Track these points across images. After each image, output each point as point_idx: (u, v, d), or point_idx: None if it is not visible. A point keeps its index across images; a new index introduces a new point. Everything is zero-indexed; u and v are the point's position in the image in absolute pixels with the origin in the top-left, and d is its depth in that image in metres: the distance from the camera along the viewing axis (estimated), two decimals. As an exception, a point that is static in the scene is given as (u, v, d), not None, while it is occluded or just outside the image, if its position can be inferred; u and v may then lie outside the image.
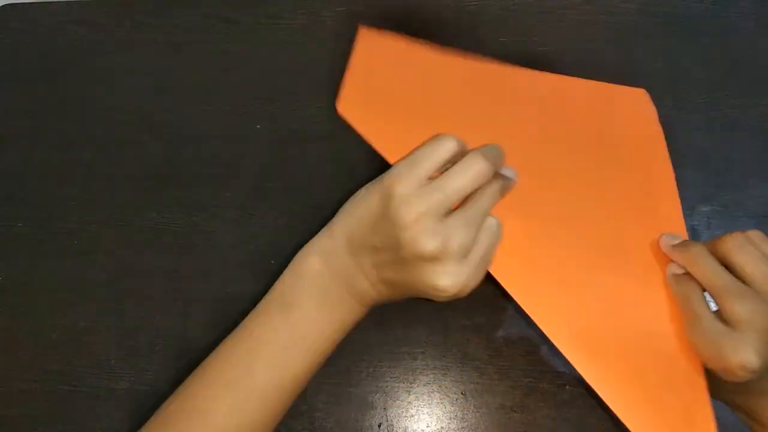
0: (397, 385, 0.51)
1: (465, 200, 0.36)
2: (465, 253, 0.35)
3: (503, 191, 0.38)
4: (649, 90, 0.60)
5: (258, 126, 0.60)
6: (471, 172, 0.35)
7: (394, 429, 0.50)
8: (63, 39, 0.65)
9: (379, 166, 0.58)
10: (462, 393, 0.51)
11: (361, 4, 0.65)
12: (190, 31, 0.65)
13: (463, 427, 0.50)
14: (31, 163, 0.60)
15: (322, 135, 0.60)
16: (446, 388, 0.51)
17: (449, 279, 0.34)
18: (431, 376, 0.51)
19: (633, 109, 0.53)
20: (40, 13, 0.66)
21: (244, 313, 0.53)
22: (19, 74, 0.64)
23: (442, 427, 0.50)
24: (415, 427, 0.50)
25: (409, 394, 0.51)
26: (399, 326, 0.52)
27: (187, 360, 0.52)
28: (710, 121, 0.58)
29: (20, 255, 0.56)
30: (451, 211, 0.36)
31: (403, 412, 0.50)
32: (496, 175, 0.38)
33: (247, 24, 0.65)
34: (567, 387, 0.50)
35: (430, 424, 0.50)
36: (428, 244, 0.34)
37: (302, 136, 0.60)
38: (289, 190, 0.58)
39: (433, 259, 0.34)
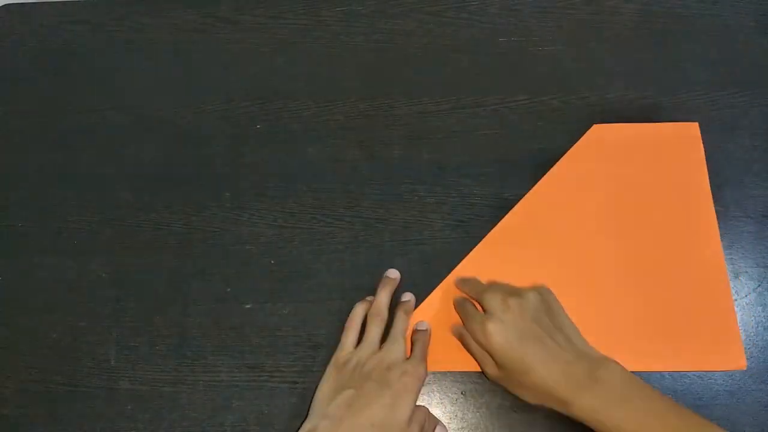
0: (397, 385, 0.51)
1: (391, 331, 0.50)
2: (404, 353, 0.48)
3: (408, 312, 0.51)
4: (649, 90, 0.60)
5: (258, 126, 0.60)
6: (377, 321, 0.50)
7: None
8: (63, 39, 0.65)
9: (377, 166, 0.58)
10: (462, 393, 0.51)
11: (361, 4, 0.65)
12: (190, 31, 0.65)
13: (463, 427, 0.50)
14: (30, 163, 0.60)
15: (321, 135, 0.60)
16: (446, 388, 0.51)
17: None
18: (431, 376, 0.51)
19: (681, 146, 0.57)
20: (40, 13, 0.66)
21: (244, 313, 0.53)
22: (19, 74, 0.64)
23: (442, 427, 0.50)
24: (415, 427, 0.50)
25: (409, 394, 0.51)
26: (399, 326, 0.52)
27: (187, 360, 0.52)
28: (710, 121, 0.58)
29: (20, 255, 0.56)
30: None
31: (403, 412, 0.50)
32: (399, 305, 0.51)
33: (247, 24, 0.65)
34: (567, 387, 0.50)
35: (430, 424, 0.50)
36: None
37: (301, 136, 0.60)
38: (289, 190, 0.58)
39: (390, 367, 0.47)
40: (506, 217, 0.55)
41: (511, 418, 0.50)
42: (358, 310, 0.51)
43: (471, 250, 0.54)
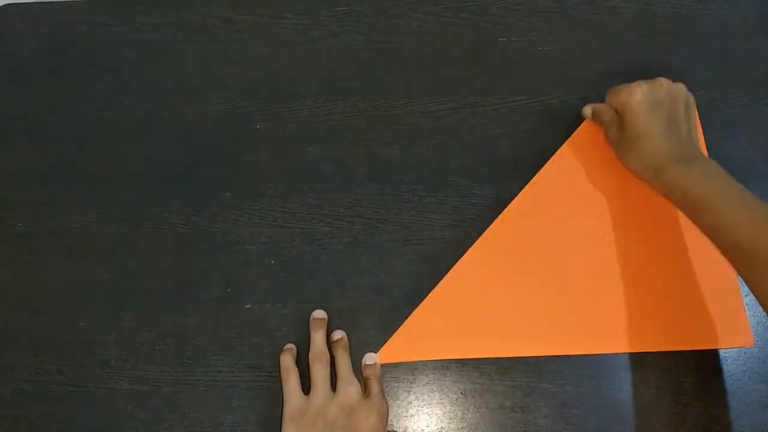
0: (397, 385, 0.51)
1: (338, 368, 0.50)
2: (361, 392, 0.48)
3: (346, 348, 0.51)
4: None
5: (258, 126, 0.60)
6: (322, 363, 0.49)
7: (394, 429, 0.50)
8: (63, 39, 0.65)
9: (377, 166, 0.58)
10: (462, 393, 0.51)
11: (361, 4, 0.65)
12: (190, 31, 0.65)
13: (463, 427, 0.50)
14: (30, 162, 0.60)
15: (322, 135, 0.60)
16: (446, 388, 0.51)
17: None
18: (431, 376, 0.51)
19: None
20: (40, 13, 0.66)
21: (244, 313, 0.53)
22: (19, 74, 0.64)
23: (442, 427, 0.50)
24: (415, 427, 0.50)
25: (409, 394, 0.51)
26: (398, 326, 0.52)
27: (187, 360, 0.52)
28: (710, 121, 0.58)
29: (20, 255, 0.56)
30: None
31: (403, 412, 0.50)
32: (334, 344, 0.51)
33: (247, 24, 0.65)
34: (567, 387, 0.50)
35: (430, 424, 0.50)
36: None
37: (302, 136, 0.60)
38: (289, 190, 0.58)
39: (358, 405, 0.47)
40: (508, 207, 0.55)
41: (511, 419, 0.50)
42: (287, 358, 0.50)
43: (471, 250, 0.54)
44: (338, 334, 0.52)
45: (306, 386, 0.49)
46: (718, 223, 0.44)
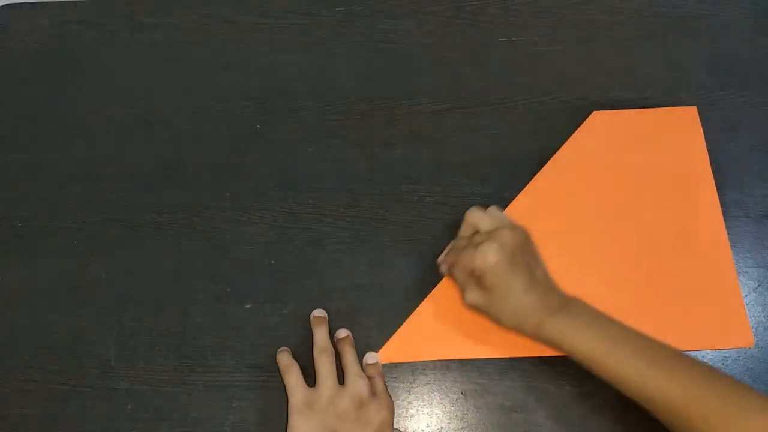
0: (397, 385, 0.51)
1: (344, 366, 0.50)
2: (370, 388, 0.49)
3: (353, 345, 0.51)
4: (650, 90, 0.60)
5: (258, 126, 0.60)
6: (328, 357, 0.49)
7: (395, 428, 0.50)
8: (63, 39, 0.65)
9: (377, 166, 0.58)
10: (462, 393, 0.51)
11: (361, 4, 0.65)
12: (190, 31, 0.65)
13: (463, 427, 0.50)
14: (30, 162, 0.60)
15: (322, 135, 0.60)
16: (446, 388, 0.51)
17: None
18: (431, 376, 0.51)
19: (680, 130, 0.58)
20: (40, 13, 0.66)
21: (243, 313, 0.53)
22: (19, 74, 0.64)
23: (442, 427, 0.50)
24: (415, 427, 0.50)
25: (409, 394, 0.51)
26: (398, 326, 0.52)
27: (187, 360, 0.52)
28: (710, 121, 0.58)
29: (20, 255, 0.56)
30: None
31: (403, 412, 0.50)
32: (341, 341, 0.51)
33: (247, 24, 0.65)
34: (567, 387, 0.50)
35: (430, 424, 0.50)
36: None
37: (303, 136, 0.60)
38: (289, 190, 0.58)
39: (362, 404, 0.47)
40: (510, 206, 0.55)
41: (511, 419, 0.50)
42: (285, 356, 0.50)
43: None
44: (344, 332, 0.52)
45: (307, 383, 0.49)
46: (622, 377, 0.44)
